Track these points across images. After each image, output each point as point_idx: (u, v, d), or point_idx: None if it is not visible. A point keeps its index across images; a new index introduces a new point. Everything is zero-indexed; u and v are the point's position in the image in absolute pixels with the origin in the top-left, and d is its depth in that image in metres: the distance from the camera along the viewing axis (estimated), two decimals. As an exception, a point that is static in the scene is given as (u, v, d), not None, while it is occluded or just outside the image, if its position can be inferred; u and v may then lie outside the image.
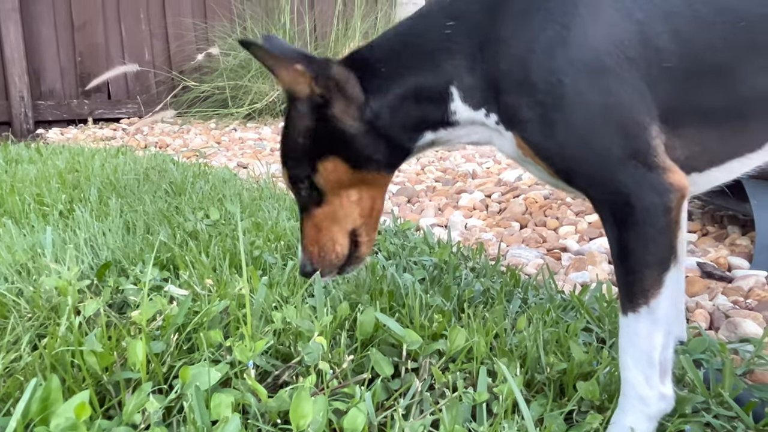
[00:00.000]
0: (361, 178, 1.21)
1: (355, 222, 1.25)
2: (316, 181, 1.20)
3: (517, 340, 1.25)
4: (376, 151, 1.18)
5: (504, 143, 1.09)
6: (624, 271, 0.95)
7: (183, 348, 1.11)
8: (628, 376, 0.96)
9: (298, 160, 1.21)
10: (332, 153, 1.18)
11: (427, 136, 1.19)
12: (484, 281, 1.70)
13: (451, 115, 1.13)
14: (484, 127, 1.12)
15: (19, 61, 5.70)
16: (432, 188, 3.42)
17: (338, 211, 1.23)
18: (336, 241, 1.24)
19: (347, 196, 1.22)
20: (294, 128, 1.20)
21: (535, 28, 1.00)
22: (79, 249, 1.66)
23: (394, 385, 1.10)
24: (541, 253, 2.32)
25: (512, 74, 1.02)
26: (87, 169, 2.77)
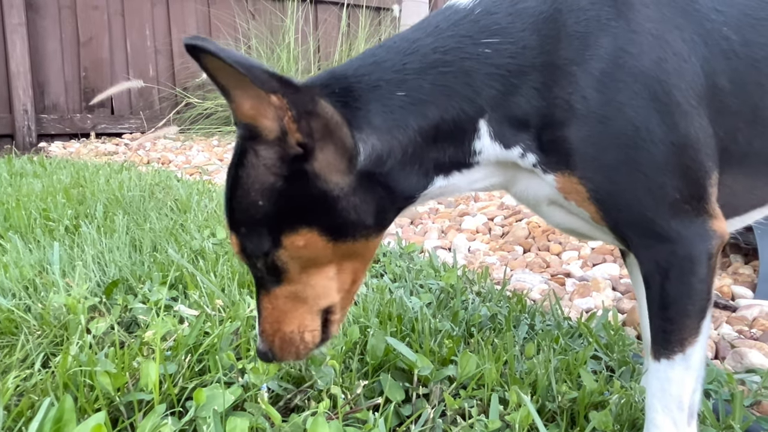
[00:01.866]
0: (342, 250, 0.93)
1: (331, 300, 0.98)
2: (278, 257, 0.91)
3: (526, 367, 1.25)
4: (366, 212, 0.92)
5: (535, 187, 0.97)
6: (662, 319, 0.91)
7: (195, 369, 1.11)
8: (656, 419, 0.95)
9: (254, 228, 0.90)
10: (305, 223, 0.89)
11: (437, 183, 0.97)
12: (491, 306, 1.70)
13: (473, 155, 0.95)
14: (510, 170, 0.98)
15: (24, 74, 5.73)
16: (435, 210, 3.43)
17: (308, 291, 0.95)
18: (305, 328, 0.97)
19: (322, 274, 0.95)
20: (249, 182, 0.88)
21: (599, 54, 0.89)
22: (87, 266, 1.66)
23: (406, 411, 1.10)
24: (545, 278, 2.33)
25: (568, 106, 0.89)
26: (92, 185, 2.78)
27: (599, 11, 0.92)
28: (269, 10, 6.62)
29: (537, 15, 0.93)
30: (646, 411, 0.99)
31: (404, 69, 0.92)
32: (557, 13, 0.92)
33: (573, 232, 1.04)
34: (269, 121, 0.84)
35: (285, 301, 0.95)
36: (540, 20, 0.92)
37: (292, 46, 6.28)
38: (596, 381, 1.18)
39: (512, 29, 0.92)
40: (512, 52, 0.92)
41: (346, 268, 0.96)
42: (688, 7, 0.93)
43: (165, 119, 6.19)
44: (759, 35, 0.95)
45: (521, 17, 0.93)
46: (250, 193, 0.88)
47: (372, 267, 2.06)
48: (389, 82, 0.91)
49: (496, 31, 0.93)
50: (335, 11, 6.92)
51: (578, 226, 1.00)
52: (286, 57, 6.22)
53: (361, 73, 0.92)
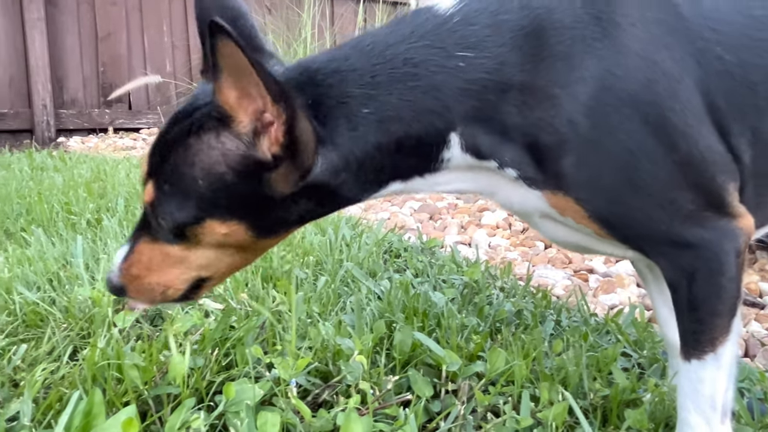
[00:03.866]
0: (257, 244, 0.94)
1: (215, 274, 0.96)
2: (190, 232, 0.90)
3: (555, 363, 1.23)
4: (302, 214, 0.93)
5: (520, 197, 0.94)
6: (692, 321, 0.89)
7: (221, 363, 1.10)
8: (689, 419, 0.93)
9: (181, 197, 0.88)
10: (237, 217, 0.89)
11: (391, 187, 0.95)
12: (515, 302, 1.68)
13: (440, 162, 0.93)
14: (486, 177, 0.95)
15: (43, 69, 5.77)
16: (454, 205, 3.41)
17: (198, 261, 0.93)
18: (171, 286, 0.95)
19: (222, 253, 0.93)
20: (198, 159, 0.86)
21: (584, 77, 0.86)
22: (111, 259, 1.66)
23: (434, 407, 1.08)
24: (568, 274, 2.30)
25: (553, 130, 0.86)
26: (113, 179, 2.78)
27: (584, 30, 0.88)
28: (286, 5, 6.61)
29: (518, 30, 0.89)
30: (678, 411, 0.97)
31: (372, 82, 0.89)
32: (540, 30, 0.89)
33: (575, 246, 1.01)
34: (246, 117, 0.84)
35: (167, 258, 0.93)
36: (520, 36, 0.89)
37: (309, 41, 6.26)
38: (628, 379, 1.16)
39: (490, 43, 0.89)
40: (488, 67, 0.88)
41: (248, 253, 0.96)
42: (678, 26, 0.89)
43: (182, 114, 6.20)
44: (756, 56, 0.90)
45: (501, 31, 0.89)
46: (194, 168, 0.86)
47: (394, 261, 2.05)
48: (356, 98, 0.89)
49: (472, 44, 0.89)
50: (352, 6, 6.89)
51: (580, 240, 0.98)
52: (302, 52, 6.21)
53: (331, 83, 0.89)
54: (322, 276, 1.58)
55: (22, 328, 1.33)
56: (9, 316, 1.35)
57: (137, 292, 0.96)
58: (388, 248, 2.18)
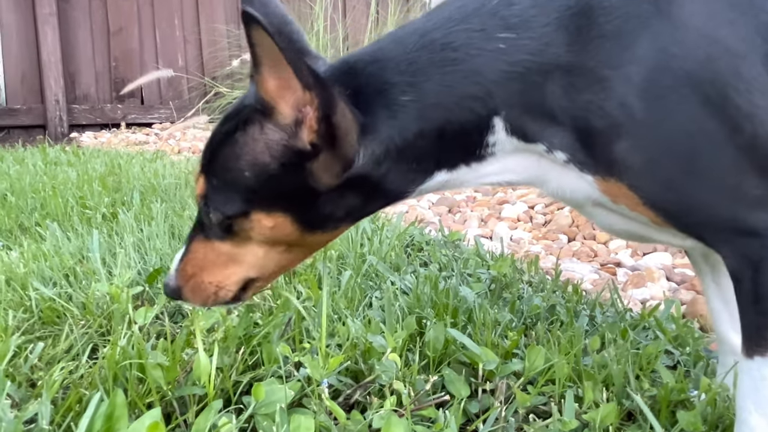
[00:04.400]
0: (305, 238, 0.93)
1: (264, 273, 0.97)
2: (238, 224, 0.91)
3: (593, 361, 1.17)
4: (348, 209, 0.92)
5: (572, 184, 0.90)
6: (756, 314, 0.84)
7: (247, 362, 1.04)
8: (749, 420, 0.86)
9: (228, 190, 0.89)
10: (282, 209, 0.89)
11: (437, 177, 0.92)
12: (545, 296, 1.62)
13: (485, 147, 0.89)
14: (536, 165, 0.91)
15: (56, 65, 5.75)
16: (472, 198, 3.34)
17: (248, 259, 0.94)
18: (223, 287, 0.96)
19: (271, 250, 0.94)
20: (244, 151, 0.87)
21: (638, 57, 0.81)
22: (128, 254, 1.61)
23: (471, 408, 1.02)
24: (594, 267, 2.23)
25: (604, 113, 0.82)
26: (127, 173, 2.74)
27: (636, 7, 0.83)
28: (297, -2, 6.55)
29: (563, 9, 0.85)
30: (737, 412, 0.90)
31: (410, 70, 0.87)
32: (587, 8, 0.84)
33: (631, 236, 0.96)
34: (287, 108, 0.84)
35: (219, 256, 0.95)
36: (567, 15, 0.84)
37: (321, 34, 6.20)
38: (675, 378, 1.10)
39: (533, 23, 0.85)
40: (532, 48, 0.85)
41: (297, 251, 0.97)
42: (741, 1, 0.83)
43: (194, 109, 6.17)
44: None
45: (545, 11, 0.85)
46: (240, 161, 0.88)
47: (417, 255, 1.99)
48: (395, 86, 0.87)
49: (514, 24, 0.86)
50: (364, -2, 6.82)
51: (636, 228, 0.92)
52: (315, 45, 6.14)
53: (370, 72, 0.89)
54: (346, 271, 1.52)
55: (39, 326, 1.29)
56: (25, 313, 1.31)
57: (192, 292, 0.98)
58: (410, 242, 2.12)
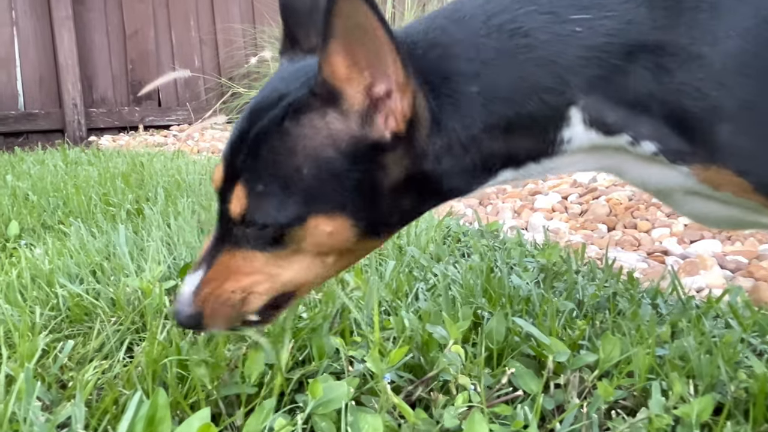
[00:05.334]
0: (360, 245, 0.83)
1: (300, 288, 0.84)
2: (289, 233, 0.78)
3: (671, 352, 1.07)
4: (408, 210, 0.84)
5: (659, 175, 0.82)
6: None
7: (296, 358, 0.95)
8: None
9: (279, 193, 0.77)
10: (343, 210, 0.78)
11: (502, 175, 0.84)
12: (600, 285, 1.51)
13: (559, 144, 0.81)
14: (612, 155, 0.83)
15: (73, 68, 5.72)
16: (503, 190, 3.24)
17: (290, 271, 0.82)
18: (252, 301, 0.82)
19: (318, 260, 0.82)
20: (301, 145, 0.76)
21: (738, 29, 0.73)
22: (157, 248, 1.53)
23: (546, 404, 0.92)
24: (641, 256, 2.12)
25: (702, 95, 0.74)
26: (149, 170, 2.67)
27: None
28: (313, -5, 6.47)
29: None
30: None
31: (478, 59, 0.79)
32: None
33: (728, 222, 0.87)
34: (356, 92, 0.75)
35: (255, 270, 0.81)
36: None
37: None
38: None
39: (610, 1, 0.77)
40: (611, 29, 0.77)
41: (341, 262, 0.86)
42: None
43: (212, 109, 6.11)
44: None
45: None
46: (296, 157, 0.77)
47: (455, 246, 1.89)
48: (462, 75, 0.79)
49: (588, 4, 0.78)
50: (380, -6, 6.74)
51: (737, 215, 0.83)
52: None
53: (434, 58, 0.80)
54: (389, 261, 1.42)
55: (67, 324, 1.21)
56: (52, 311, 1.23)
57: (212, 311, 0.82)
58: (447, 233, 2.02)
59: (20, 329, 1.05)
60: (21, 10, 5.60)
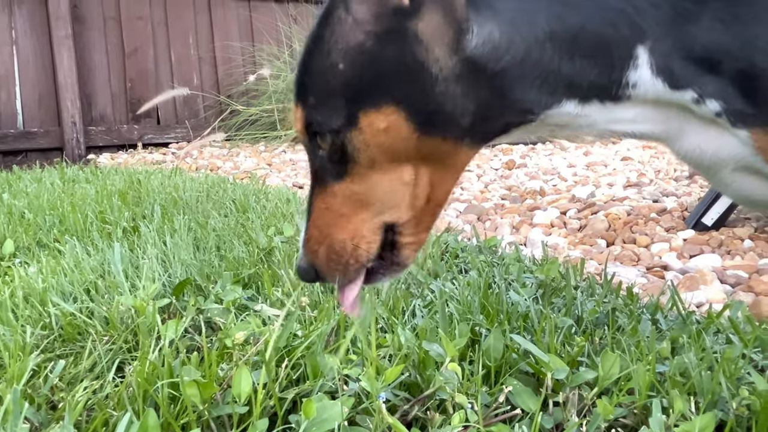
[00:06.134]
0: (428, 148, 0.78)
1: (399, 214, 0.81)
2: (350, 140, 0.76)
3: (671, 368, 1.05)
4: (466, 108, 0.77)
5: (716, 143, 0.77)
6: None
7: (291, 377, 0.94)
8: None
9: (328, 98, 0.76)
10: (392, 99, 0.75)
11: (565, 108, 0.78)
12: (599, 300, 1.50)
13: (624, 87, 0.76)
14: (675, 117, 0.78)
15: (72, 86, 5.73)
16: (501, 206, 3.23)
17: (375, 194, 0.79)
18: (360, 238, 0.80)
19: (396, 174, 0.79)
20: (332, 42, 0.76)
21: None
22: (151, 266, 1.51)
23: (544, 423, 0.91)
24: (641, 271, 2.11)
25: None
26: (147, 187, 2.66)
27: None
28: (311, 14, 6.52)
29: None
30: None
31: None
32: None
33: None
34: None
35: (343, 202, 0.81)
36: None
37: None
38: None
39: None
40: None
41: (425, 176, 0.80)
42: None
43: (210, 127, 6.12)
44: None
45: None
46: (331, 54, 0.76)
47: (453, 262, 1.87)
48: None
49: None
50: (378, 11, 6.77)
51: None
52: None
53: None
54: (386, 277, 1.41)
55: (59, 343, 1.19)
56: (44, 330, 1.21)
57: (328, 266, 0.82)
58: (445, 249, 2.01)
59: (11, 349, 1.03)
60: (21, 29, 5.63)
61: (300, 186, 3.92)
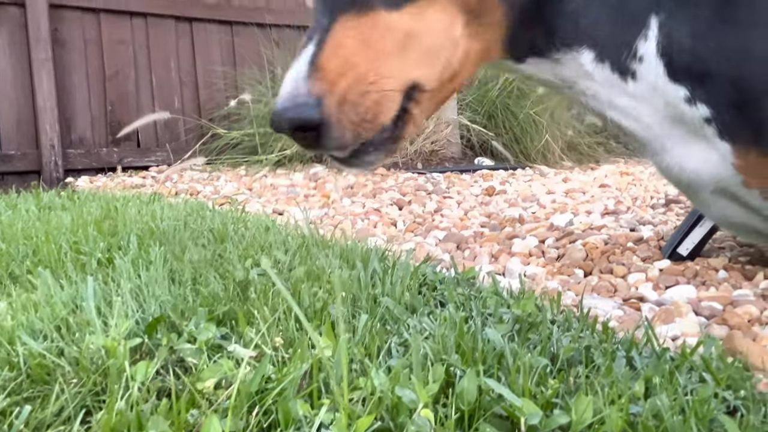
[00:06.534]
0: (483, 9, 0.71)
1: (429, 76, 0.71)
2: None
3: (644, 411, 1.05)
4: None
5: (697, 158, 0.74)
6: None
7: (261, 424, 0.92)
8: None
9: None
10: None
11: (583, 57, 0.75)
12: (574, 336, 1.50)
13: (633, 58, 0.72)
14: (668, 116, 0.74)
15: (51, 110, 5.69)
16: (480, 234, 3.25)
17: (423, 38, 0.68)
18: (387, 90, 0.67)
19: (449, 23, 0.69)
20: None
21: None
22: (125, 301, 1.49)
23: (517, 470, 0.90)
24: (617, 303, 2.12)
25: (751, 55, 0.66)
26: (124, 216, 2.64)
27: None
28: (293, 38, 6.57)
29: None
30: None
31: None
32: None
33: (757, 234, 0.81)
34: None
35: (387, 38, 0.66)
36: None
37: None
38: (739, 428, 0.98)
39: None
40: None
41: (465, 43, 0.72)
42: None
43: (191, 150, 6.11)
44: None
45: None
46: None
47: (431, 295, 1.87)
48: None
49: None
50: (360, 37, 6.83)
51: (758, 225, 0.78)
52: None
53: None
54: (362, 314, 1.41)
55: (27, 384, 1.17)
56: (12, 371, 1.19)
57: (342, 112, 0.64)
58: (423, 281, 2.01)
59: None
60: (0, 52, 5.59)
61: (280, 212, 3.91)
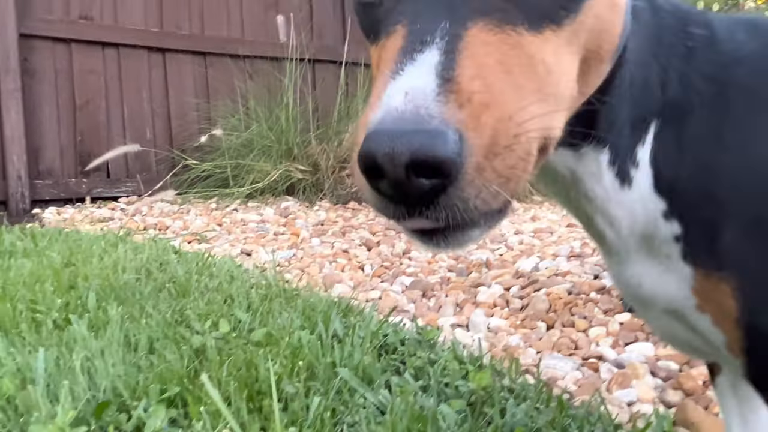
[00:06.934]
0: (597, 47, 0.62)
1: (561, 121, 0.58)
2: None
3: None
4: None
5: (656, 279, 0.71)
6: None
7: None
8: None
9: None
10: None
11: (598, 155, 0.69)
12: (528, 410, 1.52)
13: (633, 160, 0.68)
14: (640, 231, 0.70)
15: (19, 140, 5.62)
16: (447, 279, 3.26)
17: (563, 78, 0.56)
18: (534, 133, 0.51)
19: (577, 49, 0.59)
20: None
21: None
22: (75, 376, 1.47)
23: None
24: (576, 363, 2.14)
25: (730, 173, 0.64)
26: (85, 266, 2.60)
27: None
28: (267, 71, 6.59)
29: None
30: None
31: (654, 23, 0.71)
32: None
33: (692, 349, 0.81)
34: None
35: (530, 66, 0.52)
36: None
37: (291, 106, 6.21)
38: None
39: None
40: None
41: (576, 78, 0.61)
42: None
43: (162, 182, 6.06)
44: None
45: None
46: None
47: (390, 359, 1.88)
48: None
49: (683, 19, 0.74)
50: (333, 70, 6.89)
51: (699, 345, 0.76)
52: (285, 117, 6.16)
53: None
54: (315, 395, 1.40)
55: (-33, 476, 1.14)
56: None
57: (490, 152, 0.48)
58: (383, 342, 2.01)
59: None
60: (-33, 82, 5.52)
61: (248, 253, 3.89)
